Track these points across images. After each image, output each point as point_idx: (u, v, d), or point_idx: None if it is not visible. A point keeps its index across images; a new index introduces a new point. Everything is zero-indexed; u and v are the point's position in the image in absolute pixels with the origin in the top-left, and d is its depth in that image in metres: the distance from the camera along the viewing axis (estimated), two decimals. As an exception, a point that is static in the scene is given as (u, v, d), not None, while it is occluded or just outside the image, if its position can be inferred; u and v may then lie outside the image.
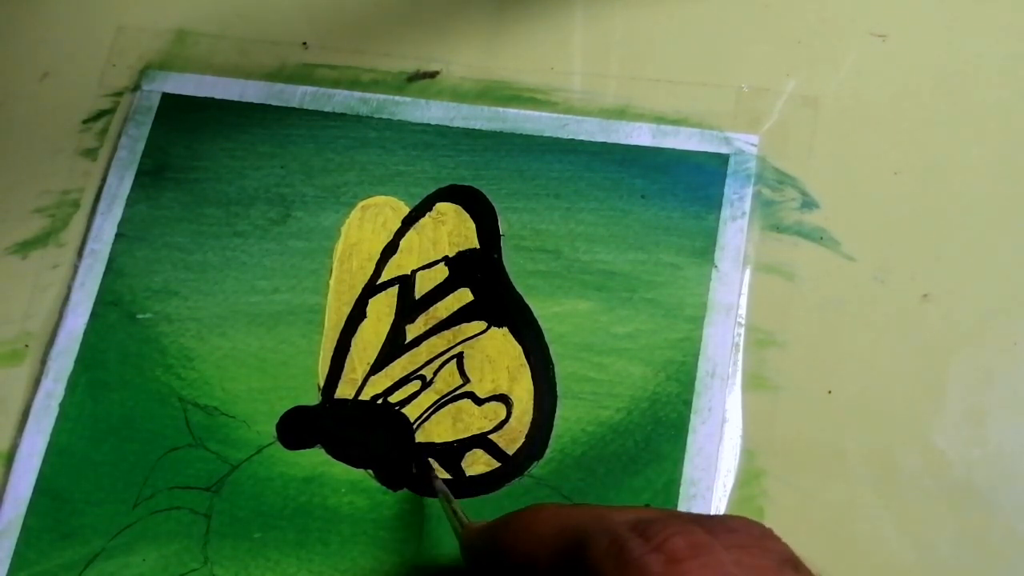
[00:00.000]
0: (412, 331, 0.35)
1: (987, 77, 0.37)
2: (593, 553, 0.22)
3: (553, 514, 0.25)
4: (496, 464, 0.34)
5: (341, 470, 0.34)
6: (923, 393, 0.33)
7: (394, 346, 0.35)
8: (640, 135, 0.37)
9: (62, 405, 0.35)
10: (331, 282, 0.36)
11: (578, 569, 0.22)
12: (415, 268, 0.36)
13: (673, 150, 0.37)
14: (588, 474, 0.33)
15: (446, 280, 0.36)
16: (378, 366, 0.35)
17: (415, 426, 0.34)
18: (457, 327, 0.35)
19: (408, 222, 0.37)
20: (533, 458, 0.33)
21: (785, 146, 0.37)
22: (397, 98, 0.39)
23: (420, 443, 0.34)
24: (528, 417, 0.34)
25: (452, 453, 0.34)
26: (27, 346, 0.36)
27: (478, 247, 0.36)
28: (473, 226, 0.37)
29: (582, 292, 0.35)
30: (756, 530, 0.23)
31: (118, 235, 0.37)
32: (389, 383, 0.35)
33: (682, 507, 0.32)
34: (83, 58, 0.41)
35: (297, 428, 0.34)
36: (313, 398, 0.35)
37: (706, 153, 0.37)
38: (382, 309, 0.36)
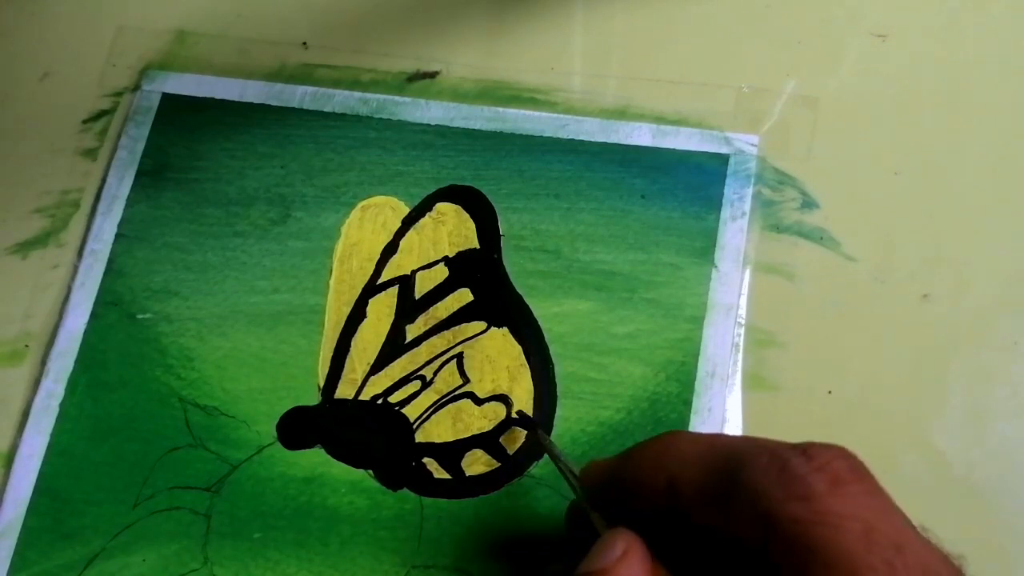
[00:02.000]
0: (412, 331, 0.35)
1: (987, 77, 0.37)
2: (751, 470, 0.22)
3: (695, 437, 0.25)
4: (496, 464, 0.34)
5: (341, 470, 0.34)
6: (923, 393, 0.33)
7: (394, 346, 0.35)
8: (640, 135, 0.37)
9: (62, 405, 0.35)
10: (331, 282, 0.36)
11: (733, 487, 0.22)
12: (415, 268, 0.36)
13: (673, 150, 0.37)
14: (588, 474, 0.33)
15: (446, 280, 0.36)
16: (378, 366, 0.35)
17: (415, 426, 0.34)
18: (457, 327, 0.35)
19: (408, 222, 0.37)
20: (533, 458, 0.33)
21: (785, 146, 0.37)
22: (397, 98, 0.39)
23: (420, 443, 0.34)
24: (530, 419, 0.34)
25: (452, 453, 0.34)
26: (27, 346, 0.36)
27: (478, 247, 0.36)
28: (473, 226, 0.37)
29: (582, 292, 0.35)
30: None
31: (118, 235, 0.37)
32: (389, 383, 0.35)
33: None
34: (83, 58, 0.41)
35: (297, 428, 0.34)
36: (313, 398, 0.35)
37: (706, 153, 0.37)
38: (382, 309, 0.36)
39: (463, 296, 0.36)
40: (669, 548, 0.24)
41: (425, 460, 0.34)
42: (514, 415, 0.34)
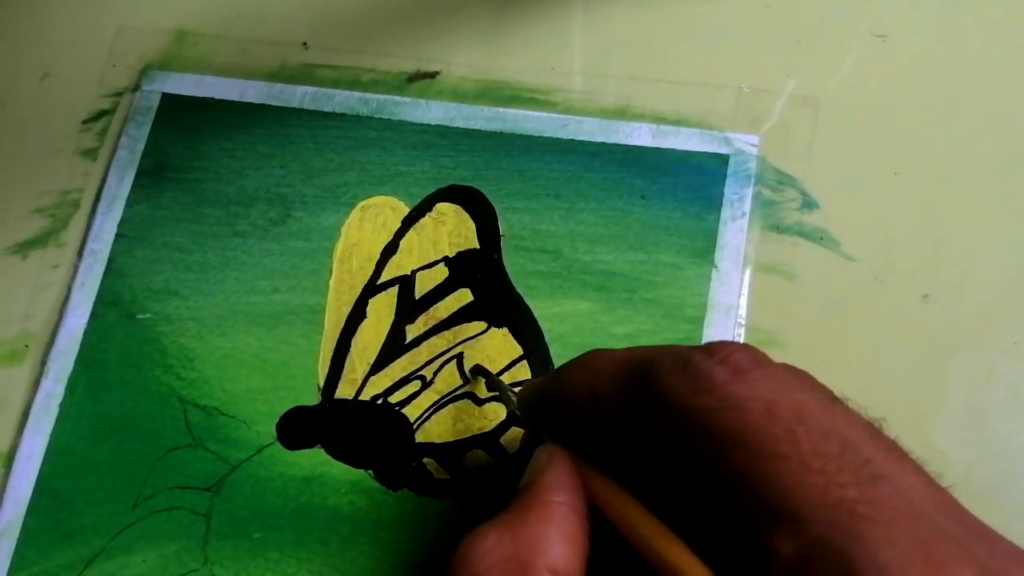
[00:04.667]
0: (412, 331, 0.35)
1: (987, 77, 0.37)
2: (658, 371, 0.23)
3: (610, 353, 0.26)
4: (496, 464, 0.34)
5: (341, 470, 0.34)
6: (923, 393, 0.33)
7: (394, 346, 0.35)
8: (640, 135, 0.37)
9: (62, 405, 0.35)
10: (331, 282, 0.36)
11: (643, 389, 0.23)
12: (415, 268, 0.36)
13: (673, 150, 0.37)
14: (588, 474, 0.33)
15: (446, 280, 0.36)
16: (378, 366, 0.35)
17: (415, 426, 0.34)
18: (457, 327, 0.35)
19: (408, 222, 0.37)
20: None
21: (785, 146, 0.37)
22: (397, 98, 0.39)
23: (420, 443, 0.34)
24: (528, 417, 0.34)
25: (452, 453, 0.34)
26: (27, 346, 0.36)
27: (478, 247, 0.36)
28: (473, 226, 0.37)
29: (582, 292, 0.35)
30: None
31: (118, 235, 0.37)
32: (389, 383, 0.35)
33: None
34: (83, 58, 0.41)
35: (297, 428, 0.34)
36: (313, 398, 0.35)
37: (706, 153, 0.37)
38: (382, 309, 0.36)
39: (463, 296, 0.36)
40: (605, 459, 0.25)
41: (425, 460, 0.34)
42: (469, 370, 0.35)
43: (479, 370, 0.34)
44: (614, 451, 0.25)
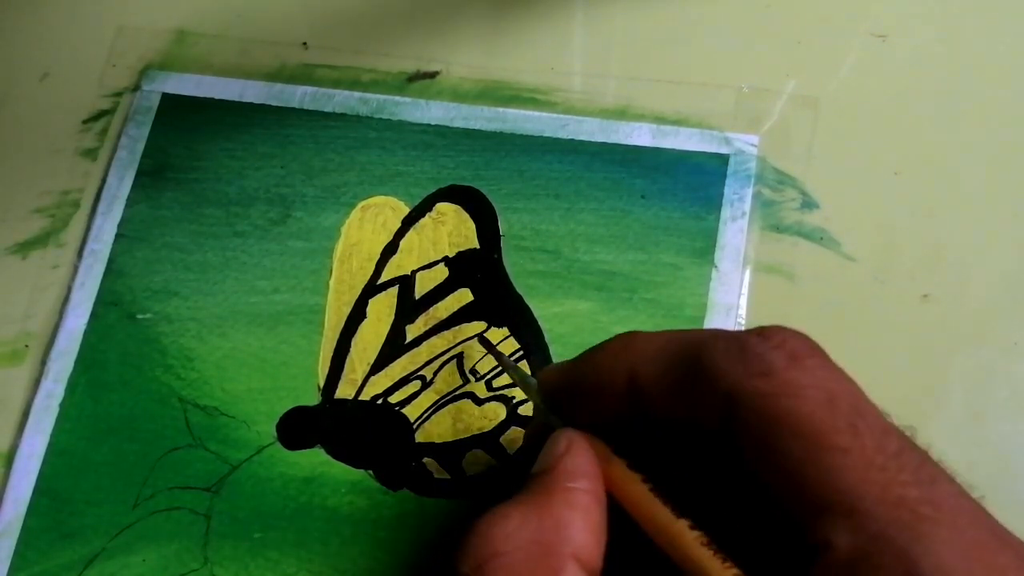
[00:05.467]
0: (412, 331, 0.35)
1: (987, 77, 0.37)
2: (711, 353, 0.22)
3: (651, 335, 0.25)
4: (496, 464, 0.34)
5: (341, 470, 0.34)
6: (923, 393, 0.33)
7: (394, 346, 0.35)
8: (640, 135, 0.37)
9: (62, 405, 0.35)
10: (331, 282, 0.36)
11: (695, 373, 0.22)
12: (415, 268, 0.36)
13: (673, 150, 0.37)
14: (588, 474, 0.33)
15: (446, 280, 0.36)
16: (378, 366, 0.35)
17: (415, 426, 0.34)
18: (457, 327, 0.35)
19: (408, 222, 0.37)
20: (534, 458, 0.33)
21: (785, 146, 0.37)
22: (397, 98, 0.39)
23: (420, 443, 0.34)
24: (528, 417, 0.34)
25: (452, 453, 0.34)
26: (27, 346, 0.36)
27: (478, 247, 0.36)
28: (473, 226, 0.37)
29: (582, 292, 0.35)
30: None
31: (118, 235, 0.37)
32: (389, 383, 0.35)
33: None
34: (83, 58, 0.41)
35: (297, 428, 0.34)
36: (313, 398, 0.35)
37: (706, 153, 0.37)
38: (382, 309, 0.36)
39: (463, 296, 0.36)
40: (626, 447, 0.25)
41: (425, 460, 0.34)
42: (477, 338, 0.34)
43: (483, 342, 0.34)
44: (647, 439, 0.24)
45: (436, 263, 0.36)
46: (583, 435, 0.25)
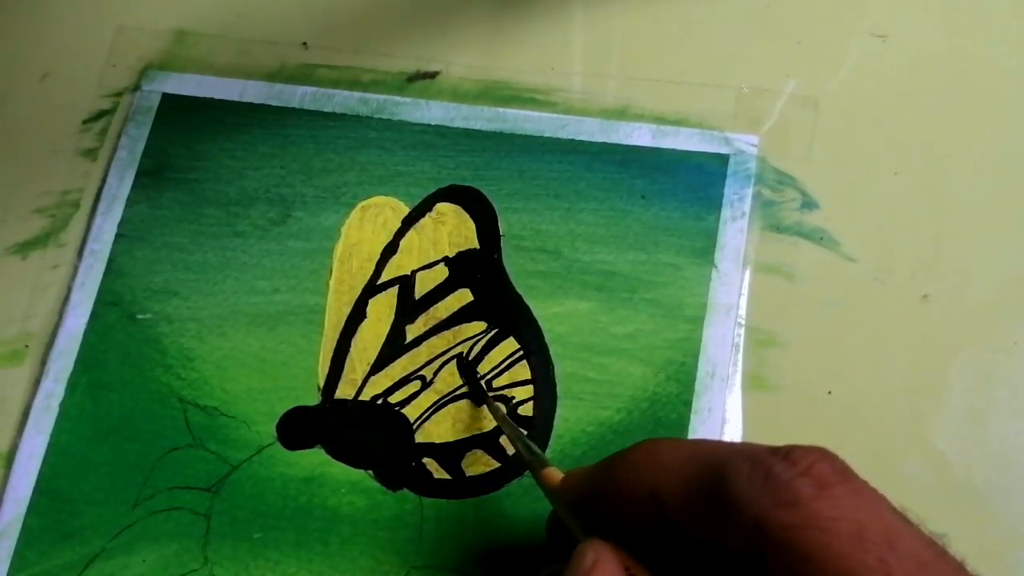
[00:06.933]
0: (412, 331, 0.35)
1: (987, 77, 0.37)
2: (735, 478, 0.22)
3: (674, 445, 0.24)
4: (496, 464, 0.34)
5: (341, 470, 0.34)
6: (923, 393, 0.33)
7: (394, 346, 0.35)
8: (640, 135, 0.37)
9: (62, 405, 0.35)
10: (331, 282, 0.36)
11: (718, 496, 0.22)
12: (415, 268, 0.36)
13: (673, 150, 0.37)
14: (588, 474, 0.33)
15: (446, 280, 0.36)
16: (378, 366, 0.35)
17: (415, 426, 0.34)
18: (457, 327, 0.35)
19: (408, 222, 0.37)
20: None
21: (785, 146, 0.37)
22: (397, 98, 0.39)
23: (420, 443, 0.34)
24: (528, 417, 0.34)
25: (452, 453, 0.34)
26: (27, 346, 0.36)
27: (478, 247, 0.36)
28: (473, 226, 0.37)
29: (582, 292, 0.35)
30: None
31: (118, 235, 0.37)
32: (389, 383, 0.35)
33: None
34: (83, 58, 0.41)
35: (297, 428, 0.34)
36: (313, 398, 0.35)
37: (706, 153, 0.37)
38: (382, 309, 0.36)
39: (463, 296, 0.36)
40: (652, 554, 0.24)
41: (425, 460, 0.34)
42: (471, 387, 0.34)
43: (501, 419, 0.33)
44: (671, 549, 0.24)
45: (436, 263, 0.36)
46: (609, 549, 0.24)
